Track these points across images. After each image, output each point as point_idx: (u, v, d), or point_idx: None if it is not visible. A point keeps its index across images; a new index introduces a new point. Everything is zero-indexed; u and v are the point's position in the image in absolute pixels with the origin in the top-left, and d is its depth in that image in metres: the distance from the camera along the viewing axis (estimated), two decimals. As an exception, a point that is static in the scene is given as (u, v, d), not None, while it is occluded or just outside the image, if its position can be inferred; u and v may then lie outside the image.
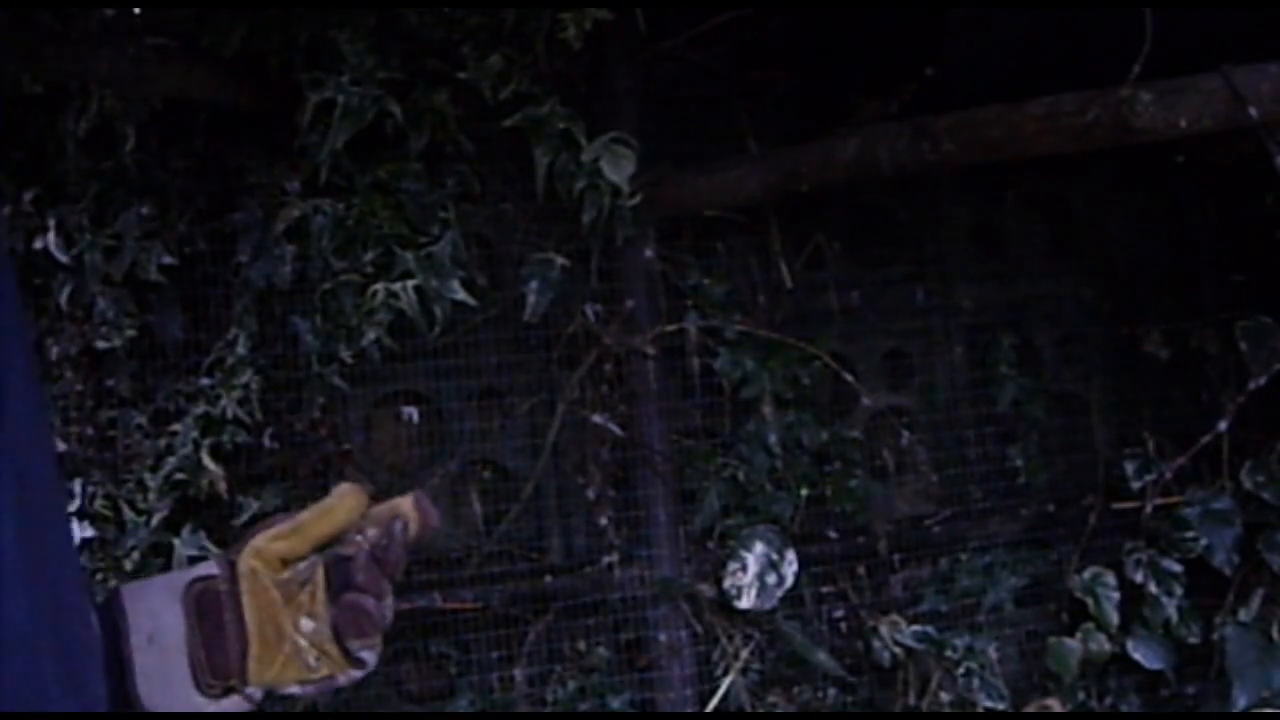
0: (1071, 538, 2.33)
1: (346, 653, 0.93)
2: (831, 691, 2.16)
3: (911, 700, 2.15)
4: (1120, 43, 1.65)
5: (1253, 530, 2.25)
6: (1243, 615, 2.24)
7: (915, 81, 1.98)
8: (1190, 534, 2.23)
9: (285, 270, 1.88)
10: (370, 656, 0.93)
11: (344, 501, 0.94)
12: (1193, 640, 2.24)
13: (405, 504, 0.96)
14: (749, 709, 2.07)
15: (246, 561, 0.92)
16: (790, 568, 2.06)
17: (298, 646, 0.92)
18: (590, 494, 2.09)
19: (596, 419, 2.07)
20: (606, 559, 2.07)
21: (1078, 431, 2.45)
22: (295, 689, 0.94)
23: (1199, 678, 2.29)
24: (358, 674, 0.94)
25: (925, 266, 2.39)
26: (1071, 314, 2.48)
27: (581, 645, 2.07)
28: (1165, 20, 1.62)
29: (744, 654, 2.08)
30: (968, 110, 1.83)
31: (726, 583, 2.04)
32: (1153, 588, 2.22)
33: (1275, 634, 2.22)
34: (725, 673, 2.07)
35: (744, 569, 2.05)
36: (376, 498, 0.98)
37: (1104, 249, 2.51)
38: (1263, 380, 2.07)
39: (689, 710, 2.04)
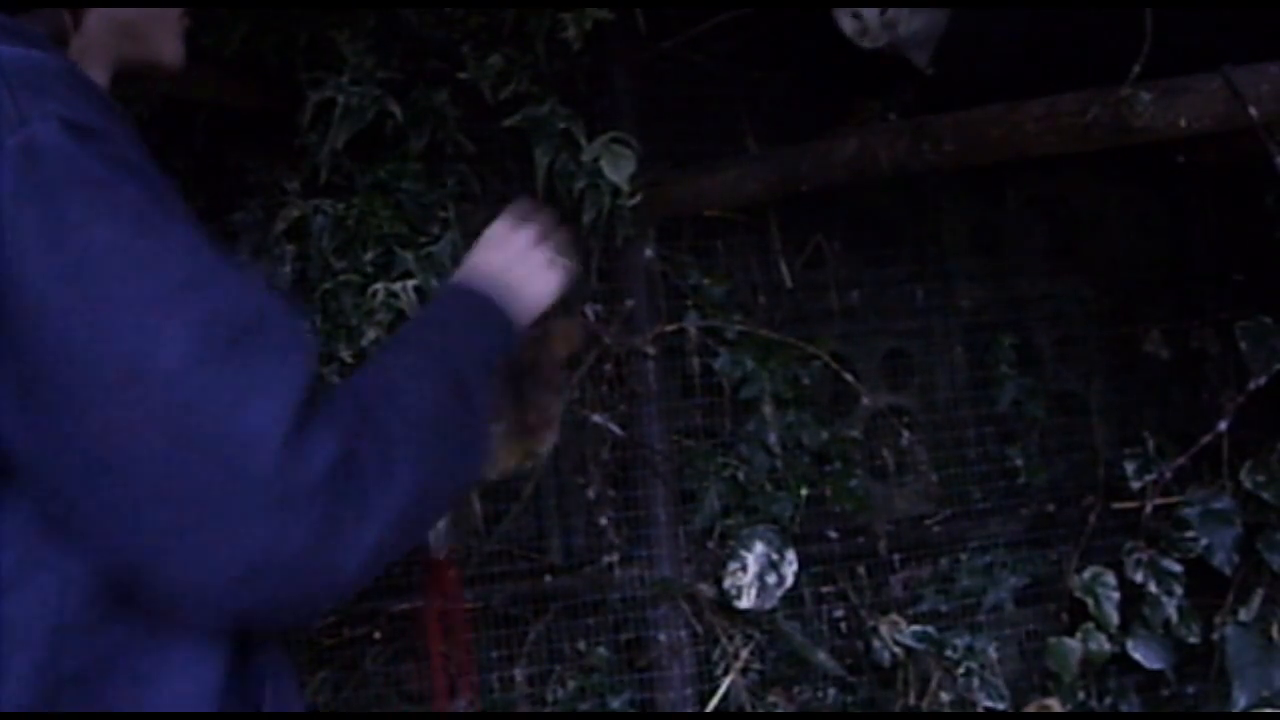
0: (1071, 538, 2.33)
1: (524, 447, 1.18)
2: (831, 691, 2.16)
3: (911, 700, 2.15)
4: (1120, 43, 1.65)
5: (1253, 530, 2.25)
6: (1243, 615, 2.24)
7: (915, 81, 1.98)
8: (1190, 534, 2.23)
9: (285, 270, 1.88)
10: (543, 450, 1.19)
11: None
12: (1193, 640, 2.24)
13: (557, 325, 1.22)
14: (749, 709, 2.07)
15: None
16: (790, 568, 2.06)
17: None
18: (590, 494, 2.09)
19: (596, 419, 2.07)
20: (606, 559, 2.07)
21: (1078, 431, 2.45)
22: (492, 475, 1.17)
23: (1199, 678, 2.29)
24: (535, 460, 1.21)
25: (925, 266, 2.39)
26: (1071, 314, 2.48)
27: (581, 645, 2.07)
28: (1165, 20, 1.62)
29: (744, 654, 2.08)
30: (968, 110, 1.83)
31: (726, 583, 2.04)
32: (1153, 588, 2.22)
33: (1275, 634, 2.22)
34: (725, 673, 2.07)
35: (744, 569, 2.05)
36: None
37: (1104, 249, 2.51)
38: (1263, 380, 2.06)
39: (689, 710, 2.04)
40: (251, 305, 0.76)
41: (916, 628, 2.15)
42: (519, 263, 1.11)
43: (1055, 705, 2.21)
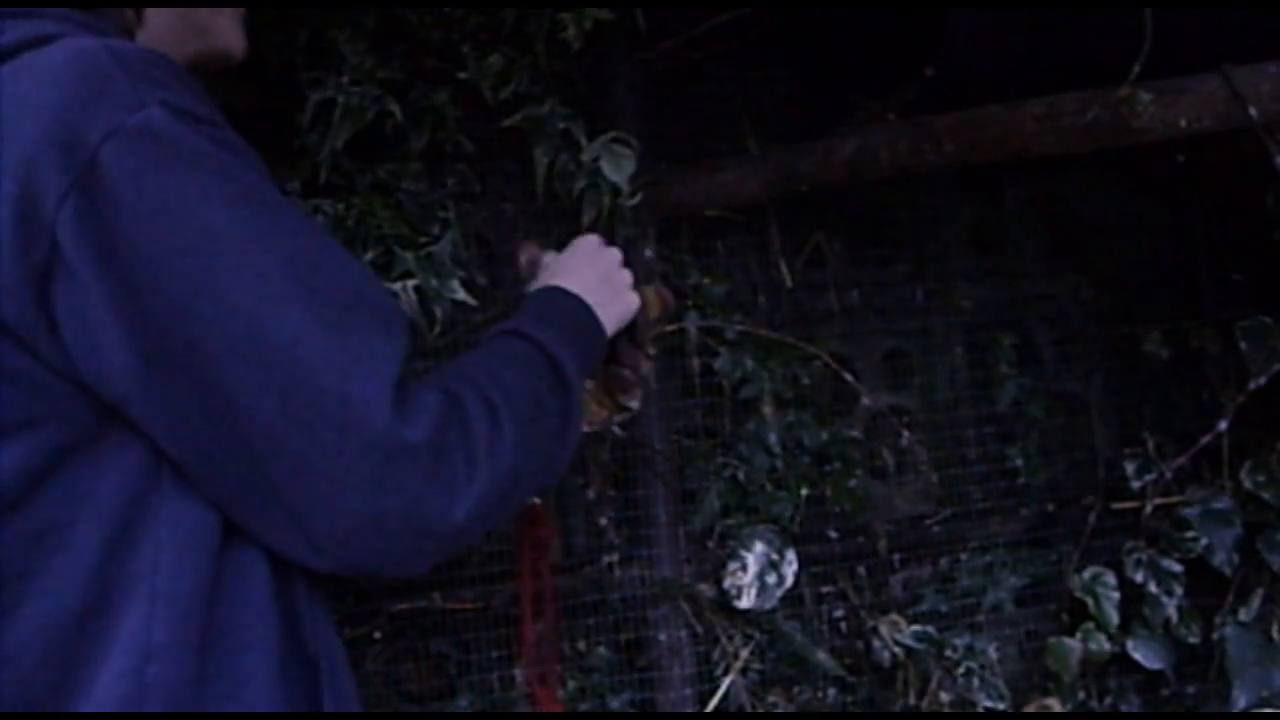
0: (1071, 538, 2.33)
1: (616, 402, 1.28)
2: (831, 691, 2.16)
3: (911, 700, 2.15)
4: (1120, 43, 1.65)
5: (1253, 530, 2.25)
6: (1243, 615, 2.24)
7: (915, 81, 1.98)
8: (1190, 534, 2.23)
9: (285, 270, 1.87)
10: (634, 404, 1.29)
11: None
12: (1193, 640, 2.24)
13: (648, 292, 1.30)
14: (749, 709, 2.07)
15: None
16: (790, 568, 2.06)
17: (584, 399, 1.21)
18: (590, 494, 2.09)
19: (596, 419, 2.07)
20: (606, 559, 2.07)
21: (1078, 431, 2.45)
22: (586, 427, 1.24)
23: (1199, 678, 2.29)
24: (626, 415, 1.31)
25: (925, 266, 2.39)
26: (1071, 314, 2.48)
27: (581, 645, 2.07)
28: (1165, 20, 1.62)
29: (744, 654, 2.08)
30: (968, 110, 1.83)
31: (726, 583, 2.04)
32: (1153, 588, 2.22)
33: (1275, 634, 2.22)
34: (725, 673, 2.07)
35: (744, 569, 2.05)
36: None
37: (1104, 249, 2.51)
38: (1263, 380, 2.07)
39: (689, 710, 2.04)
40: (354, 281, 0.82)
41: (916, 628, 2.15)
42: (607, 281, 1.19)
43: (1055, 705, 2.22)
